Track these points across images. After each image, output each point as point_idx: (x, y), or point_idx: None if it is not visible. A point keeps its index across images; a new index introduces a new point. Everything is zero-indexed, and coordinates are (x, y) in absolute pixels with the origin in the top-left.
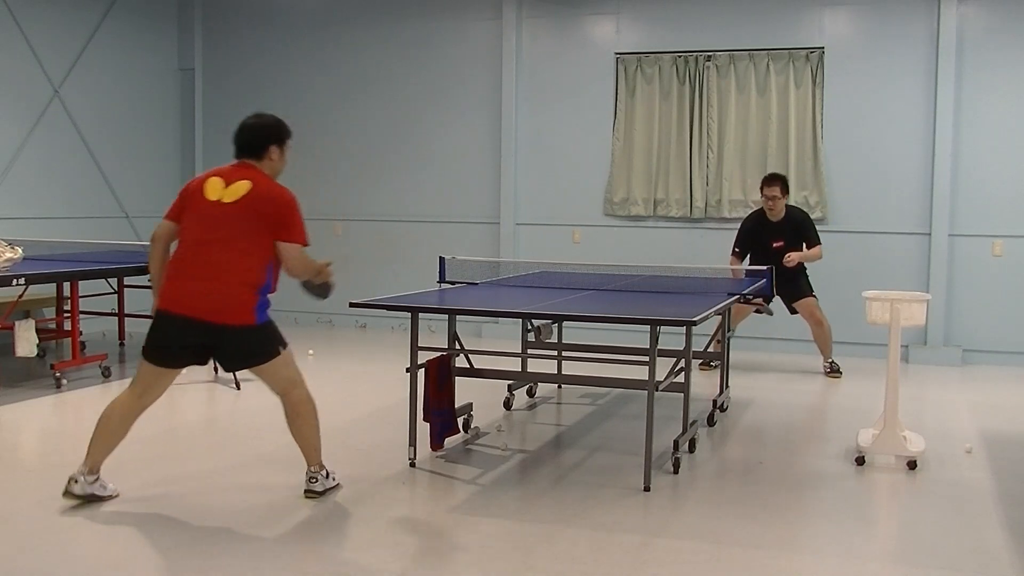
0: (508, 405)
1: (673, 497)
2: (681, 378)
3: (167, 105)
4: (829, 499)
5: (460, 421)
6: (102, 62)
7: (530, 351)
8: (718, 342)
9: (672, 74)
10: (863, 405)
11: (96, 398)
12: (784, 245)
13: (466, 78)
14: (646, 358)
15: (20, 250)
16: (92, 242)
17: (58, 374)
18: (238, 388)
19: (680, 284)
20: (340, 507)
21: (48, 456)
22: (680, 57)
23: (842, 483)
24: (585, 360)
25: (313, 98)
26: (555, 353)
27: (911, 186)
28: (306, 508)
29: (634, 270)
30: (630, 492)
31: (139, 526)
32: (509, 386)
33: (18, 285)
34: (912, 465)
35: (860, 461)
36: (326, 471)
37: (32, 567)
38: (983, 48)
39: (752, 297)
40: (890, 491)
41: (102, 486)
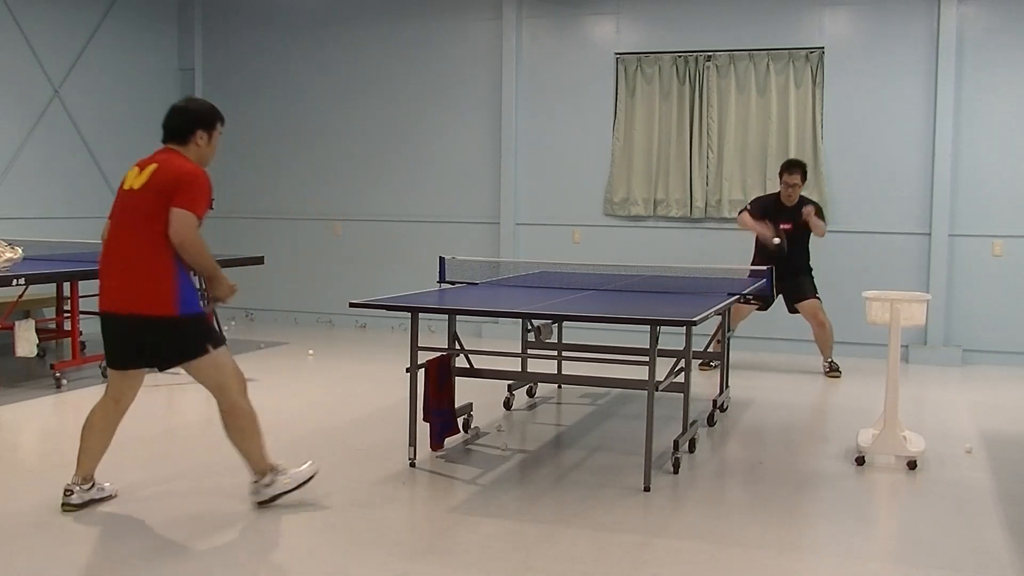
0: (508, 405)
1: (673, 497)
2: (681, 378)
3: (167, 105)
4: (829, 499)
5: (460, 421)
6: (102, 62)
7: (530, 351)
8: (718, 342)
9: (672, 74)
10: (863, 405)
11: (96, 398)
12: (792, 229)
13: (466, 78)
14: (646, 358)
15: (20, 250)
16: (92, 242)
17: (58, 374)
18: None
19: (680, 284)
20: (340, 507)
21: (48, 456)
22: (680, 57)
23: (842, 483)
24: (585, 360)
25: (313, 98)
26: (555, 353)
27: (911, 186)
28: (306, 508)
29: (634, 270)
30: (630, 492)
31: (138, 525)
32: (509, 386)
33: (18, 285)
34: (912, 465)
35: (860, 461)
36: (273, 474)
37: (32, 567)
38: (983, 48)
39: (751, 298)
40: (890, 491)
41: (99, 490)
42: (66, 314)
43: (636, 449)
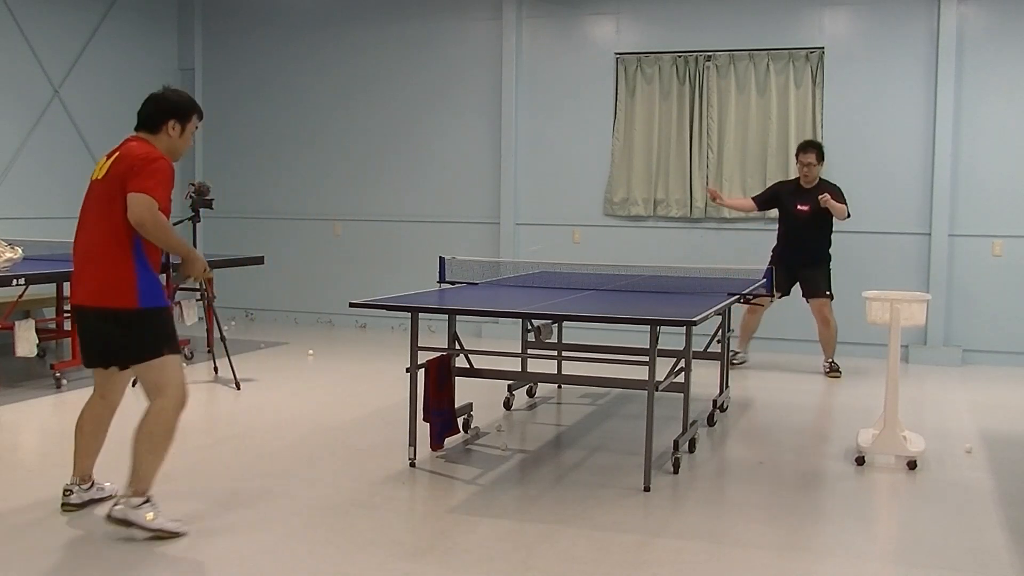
0: (508, 405)
1: (673, 497)
2: (681, 378)
3: None
4: (829, 499)
5: (460, 421)
6: (102, 62)
7: (530, 351)
8: (718, 342)
9: (672, 74)
10: (863, 405)
11: None
12: (809, 210)
13: (466, 78)
14: (646, 358)
15: (20, 250)
16: None
17: (58, 374)
18: (238, 388)
19: (680, 284)
20: (340, 507)
21: (48, 456)
22: (680, 57)
23: (842, 483)
24: (585, 360)
25: (313, 98)
26: (555, 353)
27: (911, 186)
28: (306, 508)
29: (634, 270)
30: (630, 492)
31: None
32: (509, 386)
33: (18, 285)
34: (912, 465)
35: (860, 461)
36: (147, 503)
37: (32, 567)
38: (983, 48)
39: (753, 298)
40: (890, 491)
41: (99, 490)
42: (66, 314)
43: (636, 449)
